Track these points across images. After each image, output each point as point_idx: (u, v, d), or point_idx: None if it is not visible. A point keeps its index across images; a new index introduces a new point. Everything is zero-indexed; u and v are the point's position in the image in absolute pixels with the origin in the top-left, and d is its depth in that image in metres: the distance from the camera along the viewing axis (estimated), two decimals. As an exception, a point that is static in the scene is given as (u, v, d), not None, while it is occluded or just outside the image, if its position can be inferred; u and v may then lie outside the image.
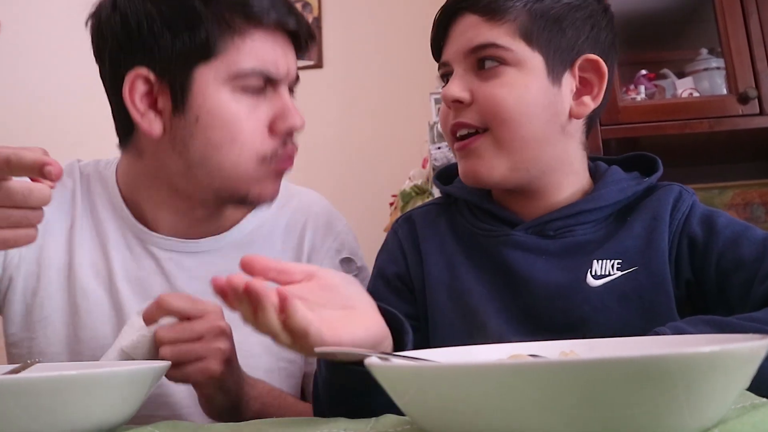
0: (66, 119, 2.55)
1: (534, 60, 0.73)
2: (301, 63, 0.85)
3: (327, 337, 0.51)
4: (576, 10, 0.75)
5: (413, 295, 0.80)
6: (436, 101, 2.23)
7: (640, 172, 0.80)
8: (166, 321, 0.65)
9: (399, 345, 0.62)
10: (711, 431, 0.35)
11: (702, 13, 1.68)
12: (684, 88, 1.64)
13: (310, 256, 0.90)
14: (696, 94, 1.60)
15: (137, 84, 0.77)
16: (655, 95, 1.65)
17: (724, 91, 1.56)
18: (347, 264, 0.91)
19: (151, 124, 0.78)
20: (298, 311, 0.50)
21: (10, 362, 0.84)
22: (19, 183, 0.58)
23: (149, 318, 0.66)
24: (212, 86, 0.76)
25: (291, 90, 0.84)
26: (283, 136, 0.80)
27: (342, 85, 2.60)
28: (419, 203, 2.15)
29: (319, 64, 2.60)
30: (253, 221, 0.90)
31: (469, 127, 0.74)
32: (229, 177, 0.79)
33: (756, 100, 1.48)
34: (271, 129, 0.80)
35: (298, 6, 2.73)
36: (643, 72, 1.68)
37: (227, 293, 0.51)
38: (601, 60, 0.76)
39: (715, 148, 1.64)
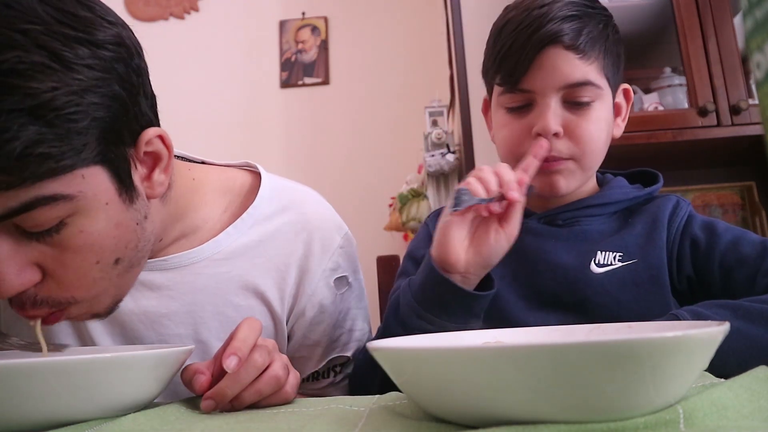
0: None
1: (608, 94, 0.76)
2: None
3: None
4: (618, 45, 0.78)
5: None
6: (431, 114, 2.24)
7: (643, 185, 0.82)
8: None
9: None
10: (674, 407, 0.35)
11: (666, 36, 1.68)
12: (650, 102, 1.64)
13: (301, 278, 0.77)
14: (661, 108, 1.60)
15: None
16: (624, 109, 1.65)
17: (686, 105, 1.56)
18: (339, 282, 0.81)
19: None
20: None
21: None
22: None
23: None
24: None
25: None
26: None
27: (347, 99, 2.60)
28: (415, 205, 2.15)
29: (326, 81, 2.60)
30: (235, 235, 0.75)
31: (560, 159, 0.74)
32: None
33: (714, 113, 1.48)
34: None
35: (307, 30, 2.75)
36: (614, 88, 1.68)
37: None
38: (630, 88, 0.81)
39: (677, 156, 1.64)
